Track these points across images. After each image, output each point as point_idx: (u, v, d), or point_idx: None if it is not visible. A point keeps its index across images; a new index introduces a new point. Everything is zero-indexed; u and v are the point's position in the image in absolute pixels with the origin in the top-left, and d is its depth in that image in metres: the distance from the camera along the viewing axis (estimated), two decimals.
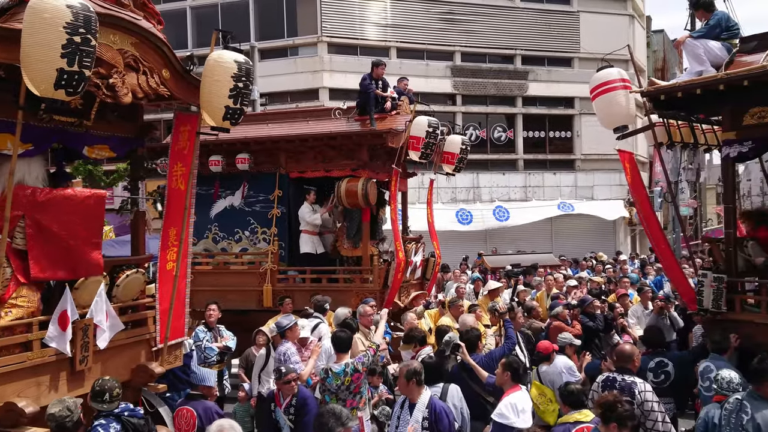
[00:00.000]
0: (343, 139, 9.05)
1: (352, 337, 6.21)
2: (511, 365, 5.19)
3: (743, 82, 5.70)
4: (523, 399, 5.08)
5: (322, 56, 22.25)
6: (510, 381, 5.12)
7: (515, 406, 4.95)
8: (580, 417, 4.72)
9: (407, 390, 4.94)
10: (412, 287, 9.92)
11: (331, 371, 5.44)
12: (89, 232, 4.80)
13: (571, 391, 4.85)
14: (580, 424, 4.65)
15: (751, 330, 5.85)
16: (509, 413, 4.91)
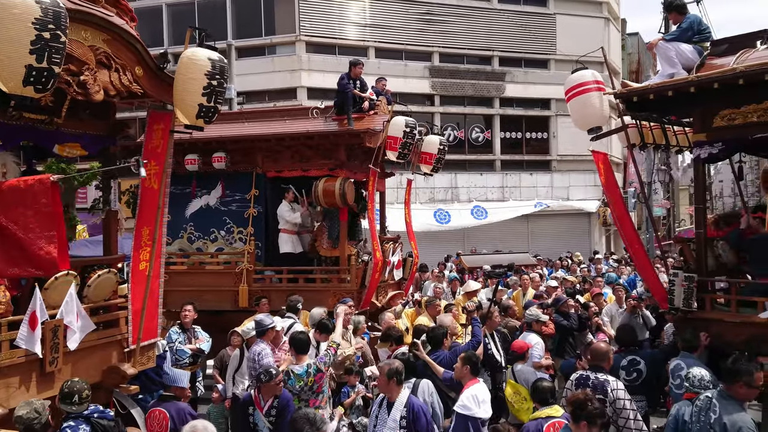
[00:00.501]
0: (321, 138, 9.02)
1: (310, 338, 6.28)
2: (470, 359, 5.32)
3: (714, 85, 5.81)
4: (483, 391, 5.21)
5: (300, 55, 22.15)
6: (469, 374, 5.25)
7: (476, 397, 5.07)
8: (551, 412, 4.84)
9: (387, 389, 4.97)
10: (390, 287, 9.93)
11: (293, 373, 5.45)
12: (41, 224, 4.36)
13: (541, 388, 5.00)
14: (552, 419, 4.77)
15: (720, 329, 5.95)
16: (472, 404, 5.01)
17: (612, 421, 4.84)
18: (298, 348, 5.85)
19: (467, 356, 5.38)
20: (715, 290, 6.39)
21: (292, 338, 6.09)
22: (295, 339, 5.95)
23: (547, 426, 4.75)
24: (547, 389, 4.99)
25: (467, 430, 4.99)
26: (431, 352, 6.19)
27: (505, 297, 10.36)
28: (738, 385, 4.29)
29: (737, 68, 5.69)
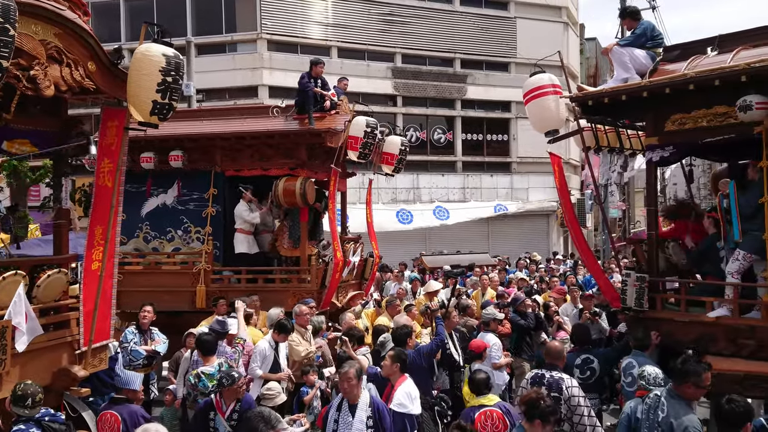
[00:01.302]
0: (281, 137, 8.96)
1: (218, 339, 6.30)
2: (400, 357, 5.41)
3: (665, 90, 5.97)
4: (414, 387, 5.33)
5: (262, 53, 21.94)
6: (398, 372, 5.34)
7: (410, 394, 5.19)
8: (484, 401, 5.09)
9: (357, 390, 4.92)
10: (350, 287, 9.93)
11: (204, 374, 5.44)
12: None
13: (476, 380, 5.25)
14: (484, 408, 5.01)
15: (670, 327, 6.12)
16: (407, 401, 5.13)
17: (566, 418, 4.93)
18: (204, 349, 5.94)
19: (396, 354, 5.47)
20: (666, 290, 6.57)
21: (197, 340, 6.14)
22: (201, 340, 6.03)
23: (479, 414, 4.99)
24: (481, 380, 5.22)
25: (404, 427, 5.13)
26: None
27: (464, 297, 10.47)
28: (686, 386, 4.35)
29: (688, 74, 5.87)
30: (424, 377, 6.19)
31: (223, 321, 7.08)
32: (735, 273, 5.88)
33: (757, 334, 5.50)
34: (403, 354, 5.49)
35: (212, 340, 6.07)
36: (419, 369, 6.08)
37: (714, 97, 5.82)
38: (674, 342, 6.08)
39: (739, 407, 3.79)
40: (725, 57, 5.95)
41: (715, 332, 5.75)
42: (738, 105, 5.42)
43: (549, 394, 4.91)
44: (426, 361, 6.18)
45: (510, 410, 5.05)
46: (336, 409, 4.97)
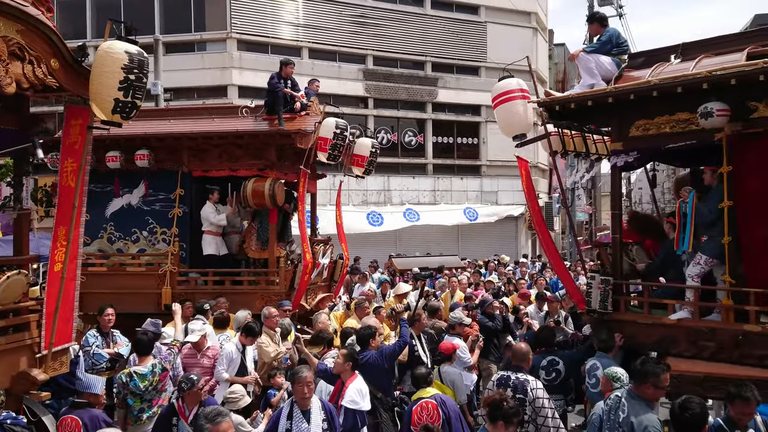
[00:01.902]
0: (250, 138, 8.87)
1: (154, 340, 6.32)
2: (352, 356, 5.56)
3: (630, 96, 6.09)
4: (363, 384, 5.47)
5: (232, 53, 21.74)
6: (349, 370, 5.48)
7: (361, 391, 5.33)
8: (422, 394, 5.25)
9: (311, 394, 4.90)
10: (320, 289, 9.88)
11: (137, 374, 5.42)
12: None
13: (415, 375, 5.47)
14: (420, 400, 5.16)
15: (633, 330, 6.23)
16: (358, 398, 5.25)
17: (531, 420, 4.97)
18: (140, 349, 5.98)
19: (349, 353, 5.60)
20: (629, 293, 6.69)
21: (135, 341, 6.19)
22: (137, 340, 6.07)
23: (416, 407, 5.11)
24: (420, 375, 5.40)
25: (355, 423, 5.25)
26: (359, 352, 6.22)
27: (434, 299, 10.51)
28: (646, 386, 4.43)
29: (652, 81, 5.98)
30: (386, 378, 6.23)
31: (156, 322, 7.06)
32: (695, 276, 6.01)
33: (716, 336, 5.63)
34: (355, 353, 5.63)
35: (148, 341, 6.08)
36: (381, 370, 6.12)
37: (677, 104, 5.95)
38: (637, 344, 6.20)
39: (693, 414, 3.85)
40: (688, 65, 6.08)
41: (676, 334, 5.87)
42: (699, 112, 5.55)
43: (514, 395, 4.97)
44: (388, 362, 6.21)
45: (445, 401, 5.16)
46: (287, 418, 4.82)
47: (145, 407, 5.77)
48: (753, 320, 5.44)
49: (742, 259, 5.72)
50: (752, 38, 6.21)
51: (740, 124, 5.55)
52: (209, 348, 6.83)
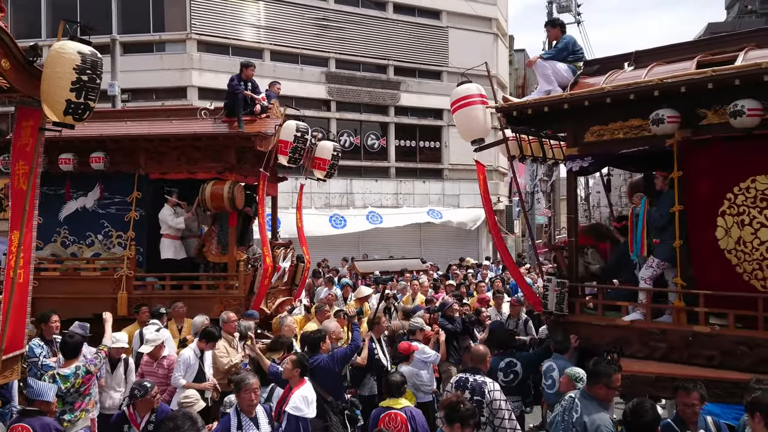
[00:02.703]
0: (209, 140, 8.76)
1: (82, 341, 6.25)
2: (300, 362, 5.51)
3: (584, 102, 6.22)
4: (311, 391, 5.42)
5: (191, 54, 21.41)
6: (297, 376, 5.44)
7: (306, 398, 5.27)
8: (391, 403, 5.20)
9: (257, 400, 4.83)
10: (280, 293, 9.81)
11: (59, 375, 5.38)
12: None
13: (390, 381, 5.40)
14: (390, 410, 5.12)
15: (588, 331, 6.36)
16: (302, 405, 5.19)
17: (488, 421, 5.03)
18: (65, 352, 5.93)
19: (298, 359, 5.56)
20: (585, 295, 6.82)
21: (61, 343, 6.13)
22: (63, 342, 6.02)
23: (383, 416, 5.11)
24: (394, 383, 5.34)
25: (298, 429, 5.19)
26: (309, 356, 6.20)
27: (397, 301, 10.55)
28: (598, 387, 4.51)
29: (606, 88, 6.13)
30: (337, 382, 6.24)
31: (85, 325, 6.97)
32: (648, 279, 6.18)
33: (668, 337, 5.79)
34: (304, 359, 5.58)
35: (74, 344, 5.97)
36: (332, 374, 6.12)
37: (630, 111, 6.11)
38: (592, 345, 6.32)
39: (645, 418, 3.93)
40: (641, 72, 6.26)
41: (629, 335, 6.01)
42: (651, 118, 5.71)
43: (472, 397, 5.03)
44: (339, 366, 6.21)
45: (415, 416, 5.14)
46: (237, 428, 4.77)
47: (67, 410, 5.65)
48: (702, 321, 5.61)
49: (692, 262, 5.90)
50: (703, 47, 6.43)
51: (690, 130, 5.72)
52: (165, 357, 6.72)
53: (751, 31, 6.48)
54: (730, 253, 5.61)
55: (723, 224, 5.65)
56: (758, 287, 5.46)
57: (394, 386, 5.34)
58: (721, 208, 5.66)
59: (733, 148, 5.58)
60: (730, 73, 5.27)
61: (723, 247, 5.65)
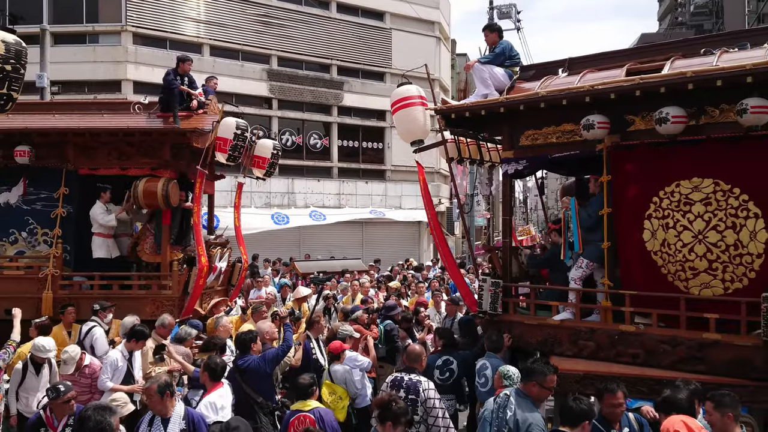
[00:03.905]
0: (142, 135, 8.48)
1: None
2: (209, 366, 5.44)
3: (520, 107, 6.35)
4: (223, 396, 5.32)
5: (127, 46, 20.76)
6: (209, 380, 5.38)
7: (214, 404, 5.18)
8: (300, 406, 5.20)
9: (162, 405, 4.69)
10: (216, 294, 9.60)
11: None
12: None
13: (298, 384, 5.35)
14: (299, 413, 5.12)
15: (521, 330, 6.49)
16: (208, 412, 5.10)
17: (422, 420, 5.06)
18: None
19: (206, 363, 5.48)
20: (518, 295, 6.96)
21: None
22: None
23: (293, 419, 5.11)
24: (302, 386, 5.31)
25: None
26: (239, 357, 6.11)
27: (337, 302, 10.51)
28: (531, 384, 4.60)
29: (540, 93, 6.26)
30: (267, 383, 6.16)
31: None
32: (577, 279, 6.35)
33: (595, 336, 5.96)
34: (213, 363, 5.47)
35: None
36: (263, 375, 6.05)
37: (562, 116, 6.26)
38: (524, 344, 6.46)
39: (580, 406, 4.05)
40: (574, 79, 6.42)
41: (559, 334, 6.17)
42: (582, 124, 5.86)
43: (407, 396, 5.05)
44: (270, 366, 6.14)
45: (323, 417, 5.14)
46: (147, 425, 4.74)
47: None
48: (628, 320, 5.81)
49: (620, 263, 6.10)
50: (633, 55, 6.65)
51: (619, 136, 5.91)
52: (87, 366, 6.44)
53: (678, 41, 6.76)
54: (656, 254, 5.83)
55: (649, 227, 5.87)
56: (681, 288, 5.69)
57: (302, 389, 5.31)
58: (647, 212, 5.87)
59: (659, 153, 5.80)
60: (656, 81, 5.48)
61: (649, 249, 5.86)
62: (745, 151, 5.37)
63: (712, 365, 5.31)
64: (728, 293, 5.42)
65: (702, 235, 5.54)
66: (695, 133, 5.47)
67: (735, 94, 5.11)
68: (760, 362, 5.10)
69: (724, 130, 5.37)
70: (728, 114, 5.28)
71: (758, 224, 5.28)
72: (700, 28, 42.45)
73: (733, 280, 5.41)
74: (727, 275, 5.44)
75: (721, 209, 5.46)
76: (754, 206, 5.32)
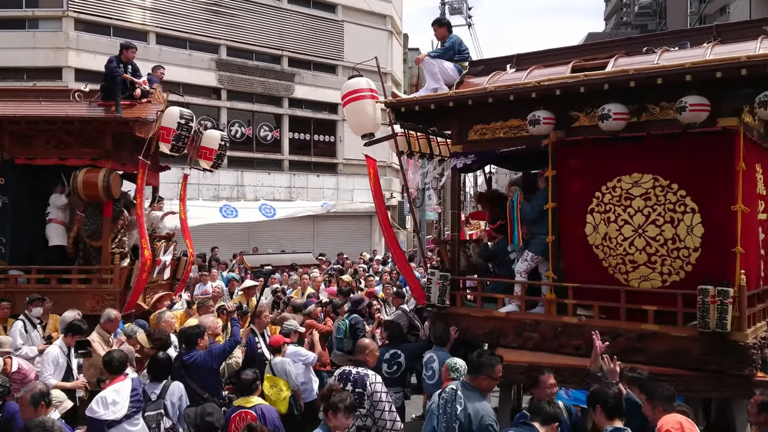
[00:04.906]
0: (82, 124, 8.21)
1: None
2: (104, 359, 5.39)
3: (468, 101, 6.38)
4: (118, 392, 5.17)
5: (68, 32, 19.98)
6: (110, 374, 5.31)
7: (104, 399, 5.07)
8: (242, 402, 5.17)
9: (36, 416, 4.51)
10: (161, 288, 9.37)
11: None
12: None
13: (241, 380, 5.33)
14: (241, 409, 5.09)
15: (468, 323, 6.55)
16: (98, 407, 5.02)
17: (369, 413, 5.05)
18: None
19: (104, 356, 5.44)
20: (466, 288, 7.02)
21: None
22: None
23: (234, 415, 5.07)
24: (245, 382, 5.27)
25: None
26: (185, 352, 5.98)
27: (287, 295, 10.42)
28: (482, 378, 4.63)
29: (488, 88, 6.32)
30: (214, 378, 6.06)
31: None
32: (523, 272, 6.45)
33: (539, 327, 6.07)
34: (108, 356, 5.39)
35: None
36: (209, 370, 5.94)
37: (510, 111, 6.33)
38: (471, 336, 6.53)
39: (554, 409, 4.12)
40: (521, 74, 6.50)
41: (504, 326, 6.25)
42: (529, 119, 5.94)
43: (354, 390, 5.03)
44: (217, 362, 6.04)
45: (265, 414, 5.10)
46: None
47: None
48: (570, 312, 5.93)
49: (563, 257, 6.22)
50: (579, 53, 6.76)
51: (564, 131, 6.01)
52: (17, 371, 6.14)
53: (622, 40, 6.92)
54: (598, 248, 5.96)
55: (591, 221, 5.99)
56: (621, 280, 5.83)
57: (245, 385, 5.26)
58: (590, 206, 5.99)
59: (602, 149, 5.92)
60: (599, 78, 5.59)
61: (591, 242, 5.99)
62: (683, 148, 5.53)
63: (651, 356, 5.47)
64: (666, 286, 5.59)
65: (642, 229, 5.69)
66: (636, 129, 5.60)
67: (675, 92, 5.25)
68: (696, 353, 5.28)
69: (663, 127, 5.51)
70: (668, 111, 5.43)
71: (695, 219, 5.46)
72: (645, 28, 43.71)
73: (671, 273, 5.58)
74: (665, 268, 5.60)
75: (660, 204, 5.61)
76: (691, 201, 5.49)
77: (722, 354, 5.16)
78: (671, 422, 3.99)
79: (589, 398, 4.26)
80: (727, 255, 5.20)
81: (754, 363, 5.12)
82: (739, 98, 5.22)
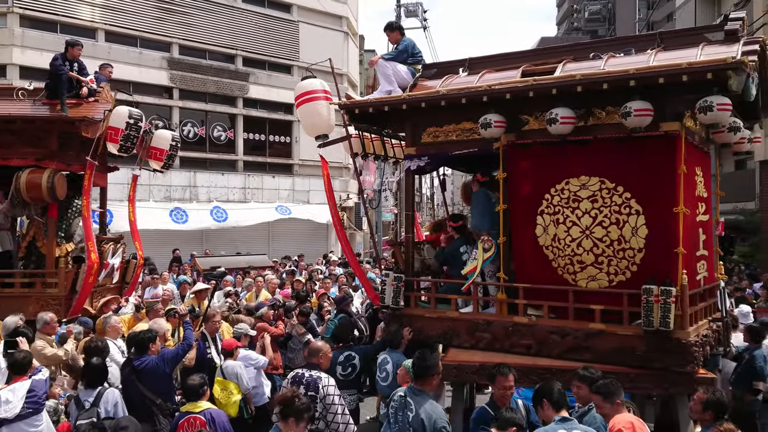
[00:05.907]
0: (25, 123, 7.95)
1: None
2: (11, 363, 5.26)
3: (421, 104, 6.42)
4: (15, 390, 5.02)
5: (13, 29, 19.30)
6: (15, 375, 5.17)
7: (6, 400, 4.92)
8: (190, 408, 5.13)
9: None
10: (109, 292, 9.13)
11: None
12: None
13: (187, 385, 5.28)
14: (189, 414, 5.05)
15: (422, 324, 6.58)
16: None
17: (322, 416, 5.04)
18: None
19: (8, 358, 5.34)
20: (420, 289, 7.06)
21: None
22: None
23: (182, 421, 5.04)
24: (191, 387, 5.22)
25: None
26: (135, 357, 5.85)
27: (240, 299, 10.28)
28: (432, 379, 4.69)
29: (441, 91, 6.36)
30: (166, 383, 5.98)
31: None
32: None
33: (491, 328, 6.14)
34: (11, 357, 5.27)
35: None
36: (161, 375, 5.86)
37: (462, 114, 6.39)
38: (425, 337, 6.56)
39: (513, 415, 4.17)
40: (473, 78, 6.56)
41: (457, 327, 6.31)
42: (480, 122, 6.01)
43: (306, 393, 5.01)
44: (169, 366, 5.95)
45: (215, 419, 5.07)
46: None
47: None
48: (521, 312, 6.03)
49: (514, 257, 6.32)
50: (530, 57, 6.86)
51: (514, 135, 6.11)
52: None
53: (572, 45, 7.06)
54: (547, 249, 6.07)
55: (542, 222, 6.10)
56: (570, 280, 5.95)
57: (191, 390, 5.21)
58: (540, 208, 6.10)
59: (551, 152, 6.04)
60: (548, 83, 5.70)
61: (541, 243, 6.10)
62: (628, 152, 5.68)
63: (598, 354, 5.59)
64: (612, 285, 5.73)
65: (589, 230, 5.82)
66: (583, 133, 5.73)
67: (620, 97, 5.39)
68: (641, 350, 5.43)
69: (609, 131, 5.65)
70: (614, 116, 5.57)
71: (639, 220, 5.61)
72: (595, 34, 44.90)
73: (617, 273, 5.72)
74: (611, 268, 5.74)
75: (606, 206, 5.75)
76: (636, 203, 5.64)
77: (665, 351, 5.31)
78: (623, 422, 4.09)
79: (535, 395, 4.35)
80: (670, 255, 5.36)
81: (696, 360, 5.29)
82: (681, 103, 5.40)
